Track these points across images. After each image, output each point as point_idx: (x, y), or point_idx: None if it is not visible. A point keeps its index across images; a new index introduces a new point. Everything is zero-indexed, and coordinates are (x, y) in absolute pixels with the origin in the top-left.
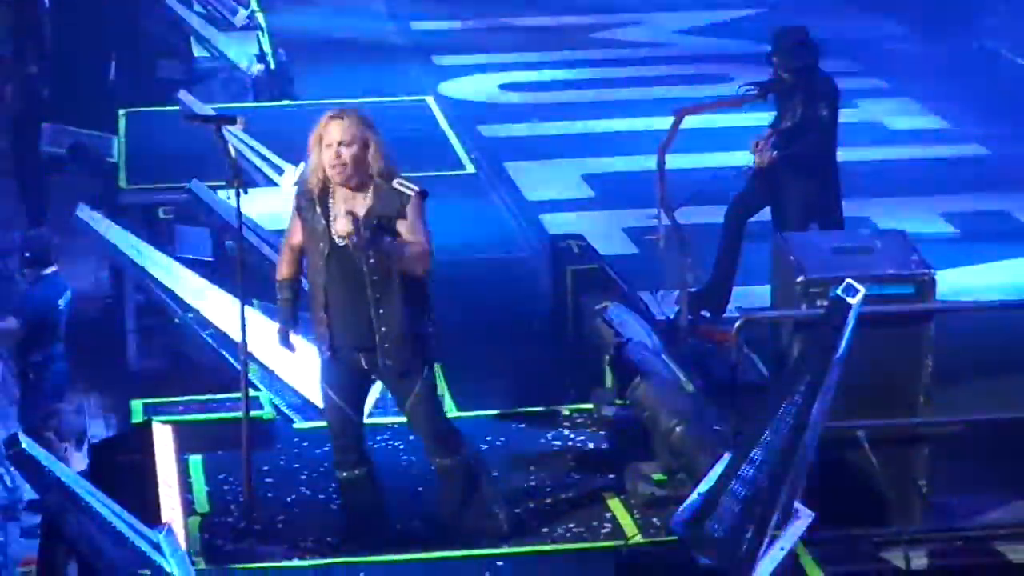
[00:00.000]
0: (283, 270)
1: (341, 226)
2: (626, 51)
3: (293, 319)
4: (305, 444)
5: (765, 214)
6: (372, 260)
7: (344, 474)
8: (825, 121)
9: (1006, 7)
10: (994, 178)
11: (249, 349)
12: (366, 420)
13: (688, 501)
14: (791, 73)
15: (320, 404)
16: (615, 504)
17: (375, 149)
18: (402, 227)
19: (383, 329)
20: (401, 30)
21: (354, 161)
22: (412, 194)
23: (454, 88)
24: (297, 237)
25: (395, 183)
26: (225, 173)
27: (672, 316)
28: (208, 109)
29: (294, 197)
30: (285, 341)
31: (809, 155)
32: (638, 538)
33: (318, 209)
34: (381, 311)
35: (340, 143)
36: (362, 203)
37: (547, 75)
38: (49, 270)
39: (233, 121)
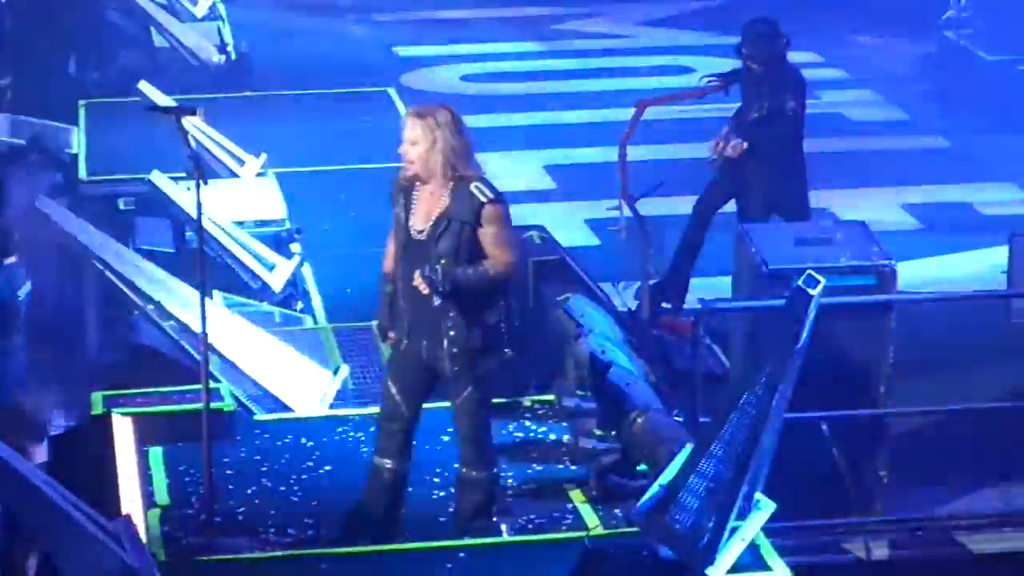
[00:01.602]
0: (386, 262)
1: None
2: (588, 42)
3: (388, 316)
4: (266, 436)
5: (729, 205)
6: (444, 261)
7: (376, 459)
8: (793, 113)
9: None
10: (955, 170)
11: (210, 341)
12: (327, 411)
13: (649, 492)
14: (760, 64)
15: (283, 397)
16: (576, 495)
17: (441, 151)
18: (483, 237)
19: (451, 333)
20: (362, 20)
21: (420, 161)
22: (485, 200)
23: (416, 79)
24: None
25: (472, 186)
26: (185, 164)
27: (634, 307)
28: (169, 100)
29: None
30: (383, 335)
31: (776, 147)
32: (599, 529)
33: (402, 201)
34: (450, 314)
35: (407, 141)
36: (440, 202)
37: (509, 66)
38: (8, 261)
39: (193, 112)
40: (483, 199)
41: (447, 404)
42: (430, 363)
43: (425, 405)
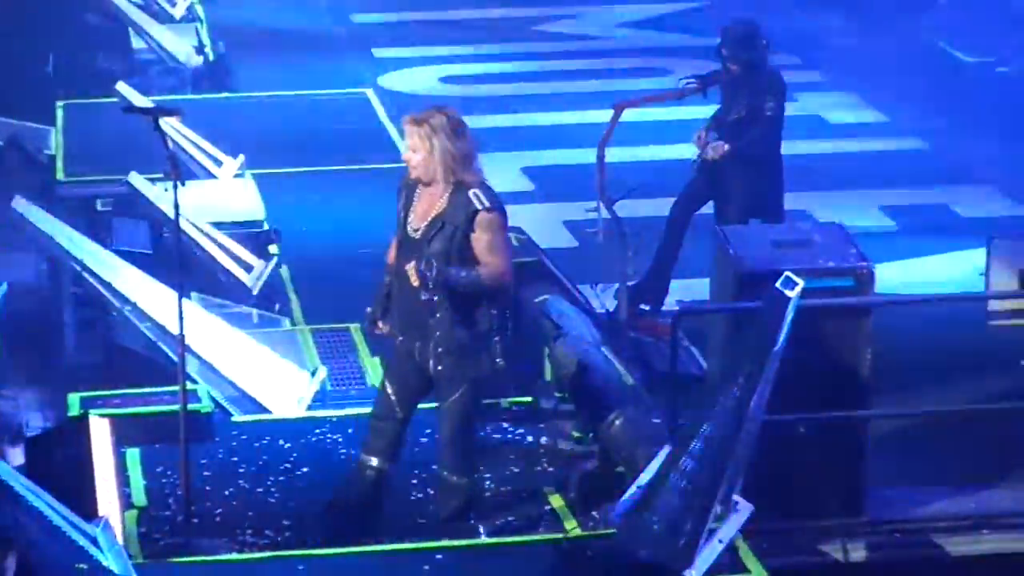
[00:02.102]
0: (389, 254)
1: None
2: (566, 44)
3: (380, 304)
4: (244, 437)
5: (708, 207)
6: (434, 262)
7: (363, 455)
8: (772, 115)
9: (946, 1)
10: (933, 172)
11: (187, 342)
12: (305, 413)
13: (627, 494)
14: (740, 66)
15: (261, 399)
16: (554, 497)
17: (440, 157)
18: (476, 243)
19: (438, 333)
20: (341, 22)
21: (422, 167)
22: (480, 208)
23: (394, 81)
24: None
25: (471, 192)
26: (163, 165)
27: (612, 309)
28: (146, 101)
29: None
30: (370, 322)
31: (756, 149)
32: (577, 531)
33: (404, 199)
34: (438, 314)
35: (408, 148)
36: (438, 204)
37: (487, 68)
38: None
39: (171, 113)
40: (479, 207)
41: (431, 406)
42: (422, 364)
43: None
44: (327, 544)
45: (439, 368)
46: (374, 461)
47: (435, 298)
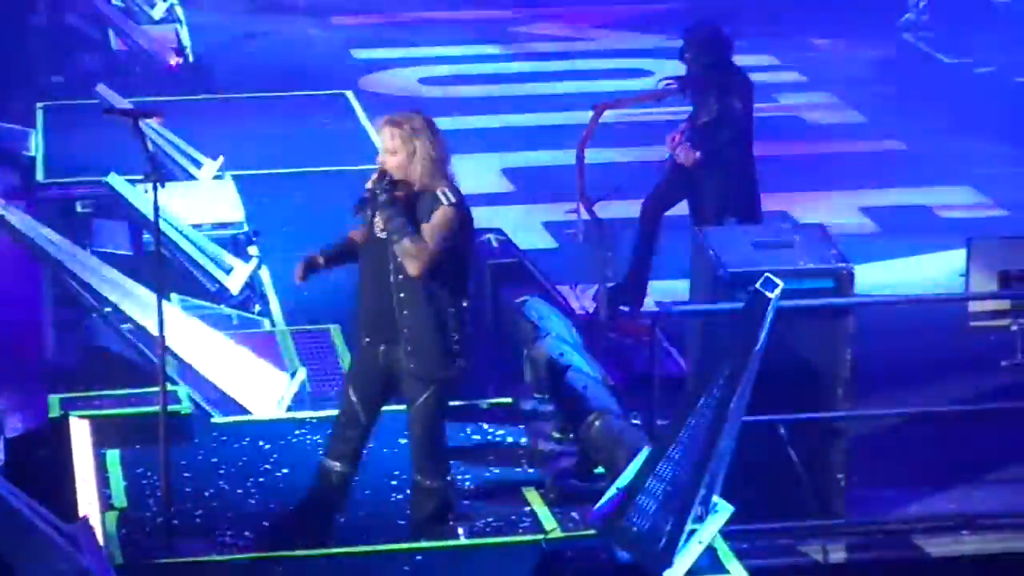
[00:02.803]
0: (352, 233)
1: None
2: (545, 45)
3: (326, 254)
4: (223, 439)
5: (683, 207)
6: (400, 260)
7: (326, 460)
8: (739, 115)
9: (926, 2)
10: (913, 173)
11: (167, 343)
12: (285, 414)
13: (607, 495)
14: (703, 69)
15: (241, 400)
16: (534, 498)
17: (421, 160)
18: (424, 229)
19: (405, 331)
20: (321, 23)
21: (400, 170)
22: (444, 203)
23: (374, 82)
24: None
25: (439, 191)
26: (143, 167)
27: (591, 310)
28: (126, 103)
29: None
30: (309, 260)
31: (725, 150)
32: (557, 532)
33: (371, 204)
34: (405, 312)
35: (386, 151)
36: (407, 204)
37: (467, 69)
38: None
39: (151, 115)
40: (444, 202)
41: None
42: (389, 366)
43: (385, 408)
44: (307, 546)
45: (410, 366)
46: (338, 466)
47: (401, 295)
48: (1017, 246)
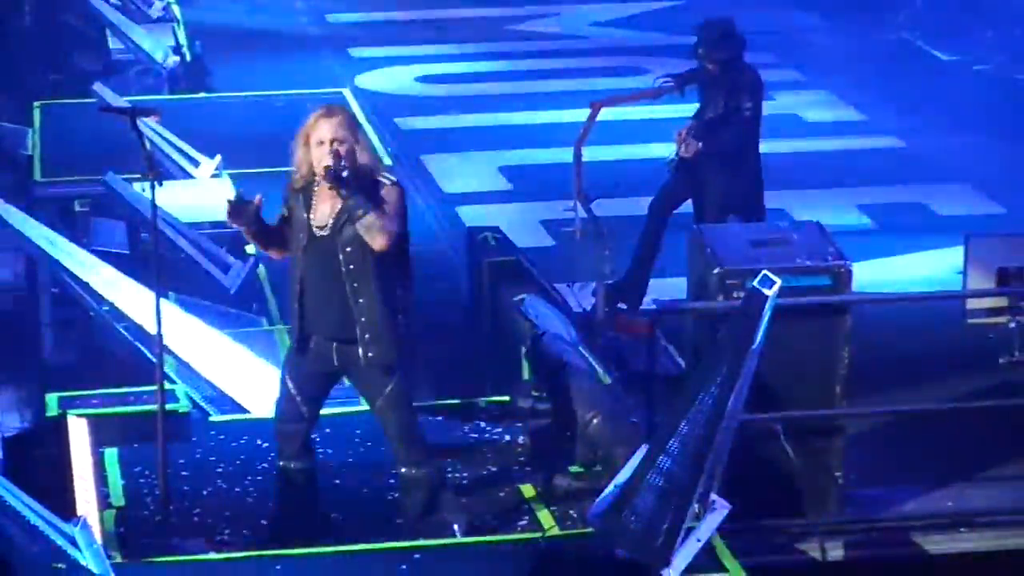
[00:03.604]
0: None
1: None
2: (542, 43)
3: (256, 209)
4: (221, 437)
5: (686, 206)
6: (348, 249)
7: (281, 463)
8: (748, 113)
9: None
10: (910, 170)
11: (165, 342)
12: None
13: (605, 493)
14: (716, 65)
15: (239, 398)
16: (532, 496)
17: (365, 148)
18: (384, 211)
19: (362, 319)
20: (317, 22)
21: (348, 156)
22: (388, 184)
23: (370, 80)
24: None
25: (381, 175)
26: (140, 165)
27: (589, 308)
28: (123, 101)
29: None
30: (241, 201)
31: (732, 147)
32: (555, 530)
33: (302, 200)
34: (360, 301)
35: (334, 140)
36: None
37: (463, 67)
38: None
39: (148, 113)
40: (387, 183)
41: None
42: (341, 363)
43: (363, 408)
44: (305, 544)
45: (369, 355)
46: (295, 464)
47: (355, 284)
48: (1015, 243)
